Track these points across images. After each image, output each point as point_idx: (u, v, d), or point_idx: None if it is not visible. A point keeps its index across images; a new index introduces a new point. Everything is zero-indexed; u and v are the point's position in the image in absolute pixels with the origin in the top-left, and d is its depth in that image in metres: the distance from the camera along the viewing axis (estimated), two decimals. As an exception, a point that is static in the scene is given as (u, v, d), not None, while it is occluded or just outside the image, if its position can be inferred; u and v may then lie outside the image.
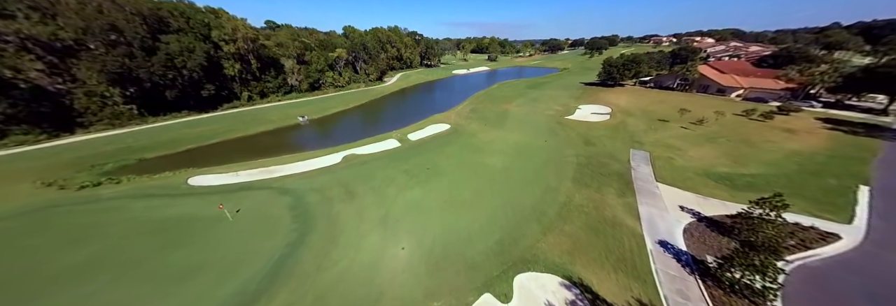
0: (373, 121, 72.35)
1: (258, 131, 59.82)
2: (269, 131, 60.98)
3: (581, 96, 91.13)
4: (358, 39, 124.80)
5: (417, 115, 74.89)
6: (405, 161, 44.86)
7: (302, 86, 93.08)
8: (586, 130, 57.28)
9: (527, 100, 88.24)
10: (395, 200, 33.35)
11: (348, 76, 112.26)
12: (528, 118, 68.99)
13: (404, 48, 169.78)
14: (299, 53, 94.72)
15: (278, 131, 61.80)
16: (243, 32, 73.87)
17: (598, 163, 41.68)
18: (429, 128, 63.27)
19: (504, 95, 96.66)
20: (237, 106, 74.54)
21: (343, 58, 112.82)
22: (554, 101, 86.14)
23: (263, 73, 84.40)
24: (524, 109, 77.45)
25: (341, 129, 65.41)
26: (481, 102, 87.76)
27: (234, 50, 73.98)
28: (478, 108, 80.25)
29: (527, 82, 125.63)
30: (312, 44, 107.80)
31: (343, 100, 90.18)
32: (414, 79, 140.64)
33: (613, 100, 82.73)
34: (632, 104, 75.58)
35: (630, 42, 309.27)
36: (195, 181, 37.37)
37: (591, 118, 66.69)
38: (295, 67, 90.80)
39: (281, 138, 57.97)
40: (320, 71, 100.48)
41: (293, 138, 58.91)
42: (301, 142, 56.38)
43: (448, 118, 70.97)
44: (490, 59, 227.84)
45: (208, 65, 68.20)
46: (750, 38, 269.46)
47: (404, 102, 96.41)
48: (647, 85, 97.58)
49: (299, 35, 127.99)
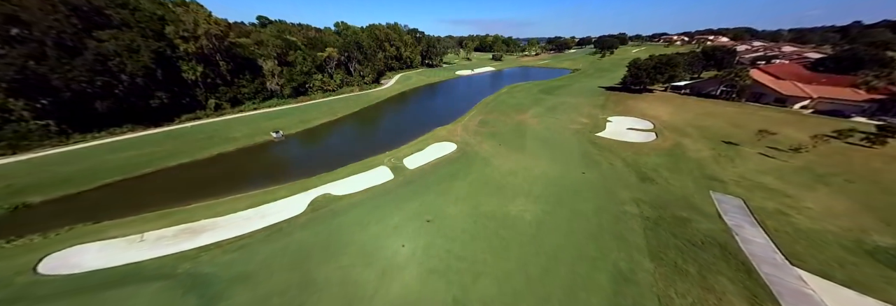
0: (363, 136, 58.92)
1: (213, 154, 46.28)
2: (228, 154, 47.43)
3: (607, 105, 77.32)
4: (352, 37, 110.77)
5: (417, 129, 61.42)
6: (397, 207, 31.45)
7: (284, 92, 79.43)
8: (633, 156, 43.66)
9: (544, 110, 74.54)
10: (373, 300, 20.02)
11: (340, 79, 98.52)
12: (550, 135, 55.37)
13: (404, 47, 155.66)
14: (280, 53, 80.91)
15: (240, 153, 48.21)
16: (206, 28, 60.12)
17: (676, 219, 28.14)
18: (430, 149, 49.83)
19: (516, 103, 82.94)
20: (200, 117, 60.98)
21: (334, 58, 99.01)
22: (576, 111, 72.46)
23: (237, 76, 70.81)
24: (543, 122, 63.80)
25: (322, 150, 51.94)
26: (491, 111, 74.13)
27: (196, 49, 60.33)
28: (488, 120, 66.65)
29: (539, 86, 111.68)
30: (298, 42, 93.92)
31: (331, 108, 76.55)
32: (414, 81, 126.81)
33: (649, 110, 68.94)
34: (675, 117, 61.79)
35: (639, 41, 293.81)
36: (57, 262, 23.35)
37: (630, 136, 53.00)
38: (275, 69, 77.10)
39: (238, 165, 44.34)
40: (307, 73, 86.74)
41: (255, 165, 45.19)
42: (263, 172, 42.72)
43: (453, 133, 57.45)
44: (495, 59, 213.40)
45: (159, 67, 54.63)
46: (765, 36, 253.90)
47: (402, 110, 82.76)
48: (681, 91, 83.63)
49: (290, 31, 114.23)
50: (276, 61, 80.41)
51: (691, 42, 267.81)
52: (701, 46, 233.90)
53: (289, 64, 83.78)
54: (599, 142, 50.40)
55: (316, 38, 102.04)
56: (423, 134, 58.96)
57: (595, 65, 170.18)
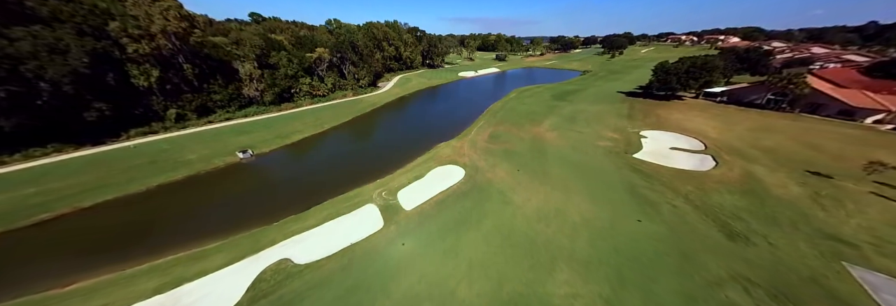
0: (350, 157, 48.12)
1: (150, 186, 35.39)
2: (172, 185, 36.52)
3: (633, 114, 66.40)
4: (346, 36, 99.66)
5: (416, 145, 50.79)
6: (382, 289, 20.81)
7: (264, 98, 68.54)
8: (697, 191, 32.87)
9: (562, 120, 63.69)
10: None
11: (332, 82, 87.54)
12: (578, 156, 44.62)
13: (404, 46, 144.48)
14: (260, 54, 69.93)
15: (187, 184, 37.23)
16: (162, 24, 49.10)
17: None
18: (432, 177, 39.17)
19: (528, 111, 72.08)
20: (156, 131, 50.08)
21: (325, 59, 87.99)
22: (599, 122, 61.62)
23: (207, 81, 59.92)
24: (564, 137, 53.01)
25: (296, 176, 41.15)
26: (501, 122, 63.30)
27: (151, 50, 49.38)
28: (499, 134, 55.86)
29: (550, 90, 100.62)
30: (284, 41, 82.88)
31: (317, 118, 65.66)
32: (414, 83, 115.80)
33: (687, 123, 58.03)
34: (725, 133, 50.84)
35: (646, 40, 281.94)
36: None
37: (679, 160, 42.18)
38: (254, 73, 66.17)
39: (177, 203, 33.18)
40: (292, 77, 75.81)
41: (200, 202, 33.85)
42: (206, 215, 31.61)
43: (460, 152, 46.75)
44: (499, 59, 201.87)
45: (98, 72, 43.80)
46: (777, 36, 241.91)
47: (400, 120, 71.86)
48: (716, 99, 72.60)
49: (283, 29, 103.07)
50: (255, 63, 69.48)
51: (701, 42, 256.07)
52: (713, 46, 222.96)
53: (271, 66, 72.83)
54: (643, 169, 39.59)
55: (305, 37, 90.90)
56: (422, 152, 48.32)
57: (606, 66, 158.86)
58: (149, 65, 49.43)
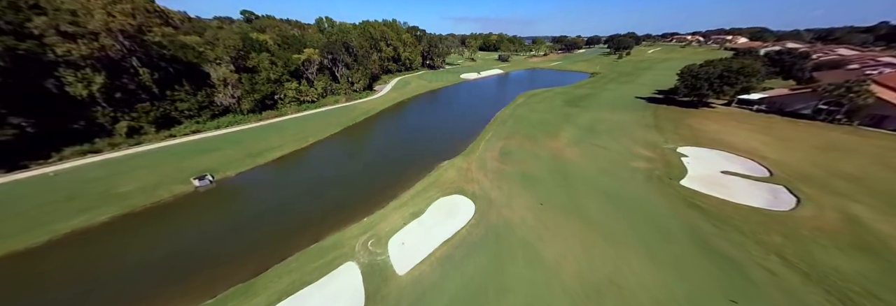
0: (332, 183, 39.00)
1: (55, 235, 26.26)
2: (87, 231, 27.45)
3: (661, 125, 57.38)
4: (338, 36, 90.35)
5: (414, 166, 41.88)
6: None
7: (242, 106, 59.36)
8: (793, 247, 23.85)
9: (580, 132, 54.73)
10: None
11: (323, 86, 78.38)
12: (612, 183, 35.67)
13: (403, 47, 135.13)
14: (237, 56, 60.67)
15: (110, 229, 27.94)
16: (104, 20, 39.83)
17: None
18: (433, 214, 30.28)
19: (541, 120, 63.05)
20: (100, 149, 40.91)
21: (315, 61, 78.78)
22: (624, 135, 52.67)
23: (170, 87, 50.74)
24: (589, 154, 44.06)
25: (259, 213, 32.02)
26: (512, 133, 54.33)
27: (93, 51, 40.17)
28: (511, 149, 46.92)
29: (560, 94, 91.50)
30: (268, 41, 73.62)
31: (301, 129, 56.53)
32: (413, 86, 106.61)
33: (730, 136, 49.03)
34: (786, 153, 41.78)
35: (651, 40, 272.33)
36: None
37: (741, 191, 33.16)
38: (229, 77, 56.96)
39: (81, 263, 23.96)
40: (276, 81, 66.60)
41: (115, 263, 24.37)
42: (117, 284, 22.51)
43: (467, 176, 37.84)
44: (501, 60, 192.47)
45: (21, 80, 34.68)
46: (787, 37, 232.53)
47: (396, 131, 62.65)
48: (753, 107, 63.51)
49: (279, 28, 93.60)
50: (231, 66, 60.28)
51: (708, 42, 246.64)
52: (722, 47, 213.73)
53: (251, 70, 63.61)
54: (703, 204, 30.62)
55: (293, 36, 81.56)
56: (422, 175, 39.41)
57: (614, 67, 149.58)
58: (91, 69, 40.24)
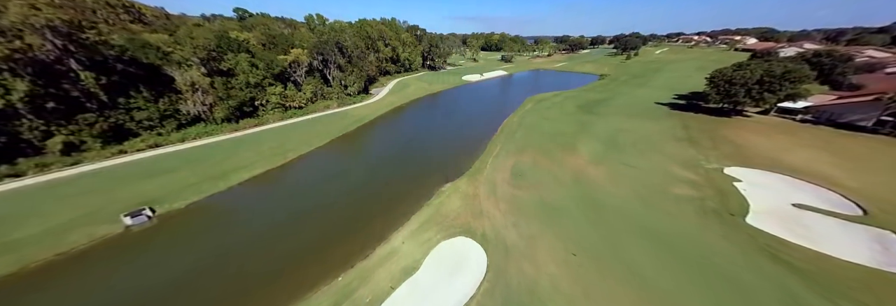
0: (303, 218, 30.98)
1: None
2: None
3: (695, 137, 49.27)
4: (330, 35, 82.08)
5: (409, 191, 34.02)
6: None
7: (215, 114, 51.33)
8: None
9: (602, 145, 46.67)
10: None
11: (312, 90, 70.29)
12: (657, 219, 27.66)
13: (402, 47, 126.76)
14: (210, 57, 52.49)
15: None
16: (23, 14, 31.72)
17: None
18: (431, 270, 22.35)
19: (554, 130, 54.96)
20: (22, 173, 32.76)
21: (303, 62, 70.63)
22: (654, 149, 44.62)
23: (125, 93, 42.74)
24: (618, 176, 35.99)
25: (196, 265, 24.15)
26: (523, 147, 46.29)
27: (13, 51, 32.14)
28: (524, 169, 38.87)
29: (571, 98, 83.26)
30: (251, 40, 65.46)
31: (281, 141, 48.45)
32: (413, 89, 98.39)
33: (784, 154, 40.88)
34: (868, 177, 33.52)
35: (656, 40, 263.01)
36: None
37: (829, 236, 25.09)
38: (199, 82, 48.89)
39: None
40: (256, 85, 58.46)
41: None
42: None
43: (474, 207, 29.90)
44: (504, 60, 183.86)
45: None
46: (798, 38, 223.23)
47: (391, 144, 54.42)
48: (797, 117, 55.25)
49: (269, 26, 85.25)
50: (203, 69, 52.20)
51: (716, 42, 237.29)
52: (732, 47, 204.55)
53: (227, 73, 55.50)
54: (791, 259, 22.60)
55: (279, 35, 73.32)
56: (419, 204, 31.56)
57: (624, 69, 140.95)
58: (10, 74, 32.23)
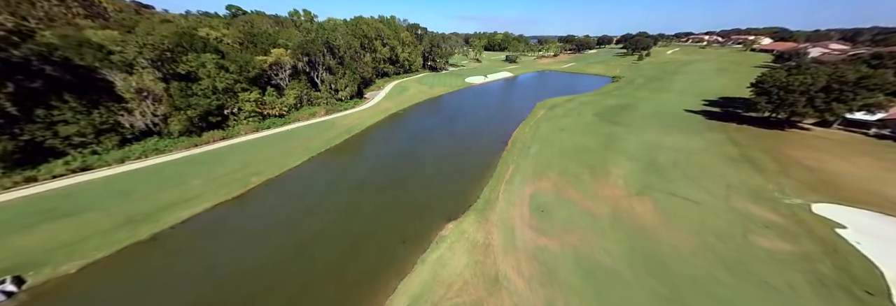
0: (251, 283, 21.78)
1: None
2: None
3: (752, 157, 39.53)
4: (319, 33, 72.51)
5: (395, 240, 24.35)
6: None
7: (170, 127, 42.07)
8: None
9: (638, 166, 36.93)
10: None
11: (296, 96, 60.97)
12: (757, 297, 18.10)
13: (401, 46, 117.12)
14: (159, 58, 43.06)
15: None
16: None
17: None
18: None
19: (576, 145, 45.30)
20: None
21: (287, 64, 61.24)
22: (708, 175, 34.87)
23: (45, 103, 33.57)
24: (672, 216, 26.24)
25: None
26: (541, 169, 36.55)
27: None
28: (548, 203, 29.25)
29: (587, 104, 73.49)
30: (224, 38, 56.11)
31: (246, 162, 39.04)
32: (412, 93, 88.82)
33: (888, 186, 31.25)
34: None
35: (666, 40, 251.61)
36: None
37: None
38: (150, 88, 39.64)
39: None
40: (226, 91, 49.17)
41: None
42: None
43: (486, 273, 20.31)
44: (509, 61, 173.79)
45: None
46: (817, 38, 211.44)
47: (381, 164, 44.62)
48: (869, 131, 45.43)
49: (253, 23, 76.02)
50: (156, 73, 42.89)
51: (728, 42, 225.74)
52: (748, 48, 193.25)
53: (188, 77, 46.17)
54: None
55: (259, 34, 63.81)
56: (408, 262, 22.11)
57: (637, 70, 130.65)
58: None
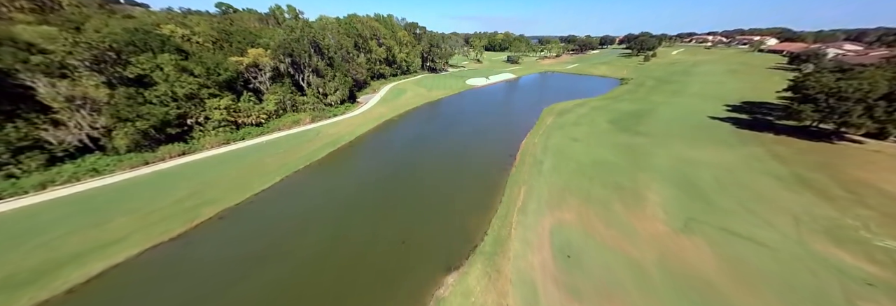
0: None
1: None
2: None
3: (805, 177, 32.34)
4: (306, 32, 65.10)
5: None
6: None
7: (114, 142, 34.85)
8: None
9: (677, 191, 29.44)
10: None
11: (278, 101, 53.74)
12: None
13: (398, 46, 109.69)
14: (100, 60, 35.66)
15: None
16: None
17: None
18: None
19: (594, 160, 38.02)
20: None
21: (266, 66, 53.96)
22: (761, 201, 27.52)
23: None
24: (742, 265, 18.96)
25: None
26: (560, 195, 29.10)
27: None
28: (574, 244, 21.85)
29: (599, 109, 66.31)
30: (191, 35, 48.77)
31: (197, 189, 31.74)
32: (409, 96, 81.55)
33: None
34: None
35: (669, 41, 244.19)
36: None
37: None
38: (85, 95, 32.40)
39: None
40: (190, 98, 41.88)
41: None
42: None
43: None
44: (511, 61, 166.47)
45: None
46: (824, 38, 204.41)
47: (362, 188, 36.97)
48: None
49: (231, 19, 68.38)
50: (99, 78, 35.56)
51: (733, 43, 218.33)
52: (756, 49, 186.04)
53: (141, 82, 38.84)
54: None
55: (236, 32, 56.32)
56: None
57: (645, 72, 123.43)
58: None
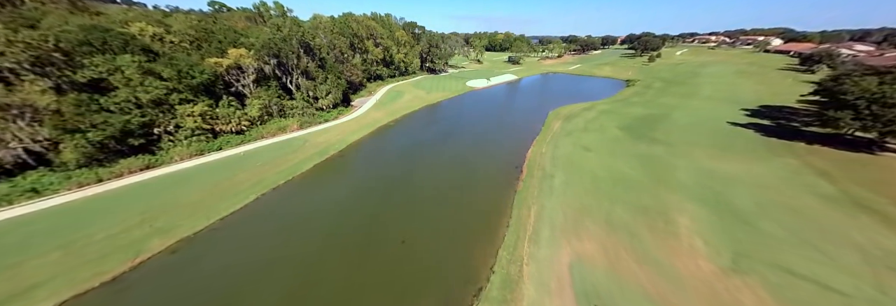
0: None
1: None
2: None
3: (856, 196, 27.29)
4: (294, 31, 60.15)
5: None
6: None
7: (62, 157, 30.06)
8: None
9: (712, 214, 24.34)
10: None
11: (262, 106, 48.96)
12: None
13: (396, 46, 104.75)
14: (40, 62, 30.78)
15: None
16: None
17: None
18: None
19: (610, 173, 33.10)
20: None
21: (250, 68, 49.14)
22: (813, 227, 22.51)
23: None
24: None
25: None
26: (578, 219, 23.83)
27: None
28: (600, 291, 17.20)
29: (608, 113, 61.46)
30: (164, 34, 43.95)
31: (149, 214, 26.85)
32: (407, 99, 76.69)
33: None
34: None
35: (672, 41, 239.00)
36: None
37: None
38: (31, 102, 27.57)
39: None
40: (158, 104, 37.06)
41: None
42: None
43: None
44: (512, 62, 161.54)
45: None
46: (832, 38, 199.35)
47: (350, 211, 32.05)
48: None
49: (216, 17, 63.29)
50: (47, 83, 30.74)
51: (737, 43, 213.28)
52: (761, 49, 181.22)
53: (98, 86, 34.02)
54: None
55: (217, 31, 51.38)
56: None
57: (651, 73, 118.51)
58: None
